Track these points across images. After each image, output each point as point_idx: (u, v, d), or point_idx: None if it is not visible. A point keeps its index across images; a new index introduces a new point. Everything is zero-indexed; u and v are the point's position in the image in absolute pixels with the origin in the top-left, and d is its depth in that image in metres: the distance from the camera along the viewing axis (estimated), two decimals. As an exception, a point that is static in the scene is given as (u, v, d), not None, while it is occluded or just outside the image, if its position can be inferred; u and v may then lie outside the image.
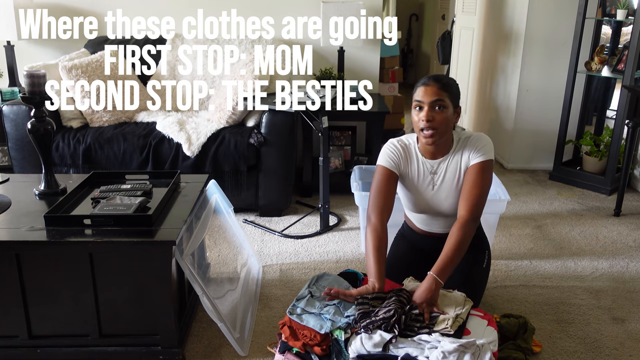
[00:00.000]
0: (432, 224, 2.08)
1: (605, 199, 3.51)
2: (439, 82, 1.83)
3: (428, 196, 1.98)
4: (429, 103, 1.82)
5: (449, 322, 1.71)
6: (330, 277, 2.14)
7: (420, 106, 1.85)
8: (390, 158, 1.96)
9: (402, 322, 1.69)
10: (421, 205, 2.02)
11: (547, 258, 2.71)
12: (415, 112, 1.87)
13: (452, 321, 1.72)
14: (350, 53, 3.66)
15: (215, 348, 1.98)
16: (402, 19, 7.59)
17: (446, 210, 2.00)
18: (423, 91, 1.84)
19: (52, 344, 1.83)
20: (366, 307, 1.79)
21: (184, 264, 1.77)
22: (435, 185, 1.96)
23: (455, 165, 1.93)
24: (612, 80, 3.85)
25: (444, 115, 1.82)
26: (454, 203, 1.96)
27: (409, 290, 1.83)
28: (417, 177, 1.97)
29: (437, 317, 1.75)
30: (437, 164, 1.94)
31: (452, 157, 1.93)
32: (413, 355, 1.68)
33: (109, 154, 2.95)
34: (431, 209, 2.01)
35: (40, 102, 2.00)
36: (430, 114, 1.82)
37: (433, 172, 1.95)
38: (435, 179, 1.95)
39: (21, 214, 1.90)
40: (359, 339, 1.74)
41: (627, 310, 2.27)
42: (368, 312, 1.76)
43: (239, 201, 2.98)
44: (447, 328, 1.70)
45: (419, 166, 1.96)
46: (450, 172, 1.94)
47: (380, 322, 1.70)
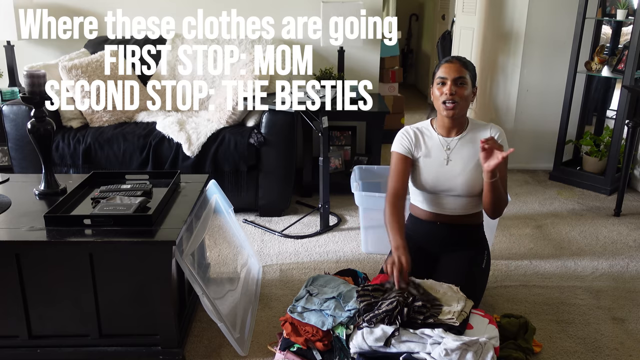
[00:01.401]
0: (442, 203, 2.13)
1: (605, 199, 3.51)
2: (460, 61, 2.03)
3: (442, 171, 2.09)
4: (452, 79, 1.99)
5: (455, 314, 1.72)
6: (327, 277, 2.15)
7: (443, 82, 2.02)
8: (402, 144, 2.13)
9: (404, 315, 1.70)
10: (434, 181, 2.10)
11: (547, 258, 2.71)
12: (438, 87, 2.03)
13: (457, 314, 1.73)
14: (350, 53, 3.66)
15: (215, 348, 1.98)
16: (402, 19, 7.58)
17: (458, 187, 2.07)
18: (447, 68, 2.02)
19: (52, 344, 1.83)
20: (368, 299, 1.80)
21: (184, 264, 1.77)
22: (449, 161, 2.08)
23: (471, 147, 2.06)
24: (612, 80, 3.85)
25: (464, 91, 2.00)
26: (466, 182, 2.05)
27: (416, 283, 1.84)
28: (432, 153, 2.11)
29: (442, 308, 1.76)
30: (451, 140, 2.10)
31: (466, 136, 2.09)
32: (415, 350, 1.68)
33: (109, 154, 2.95)
34: (443, 185, 2.09)
35: (40, 102, 2.00)
36: (453, 88, 1.99)
37: (448, 147, 2.09)
38: (450, 154, 2.08)
39: (21, 214, 1.90)
40: (360, 333, 1.75)
41: (627, 310, 2.27)
42: (371, 304, 1.77)
43: (239, 201, 2.98)
44: (453, 319, 1.70)
45: (434, 143, 2.12)
46: (465, 151, 2.07)
47: (383, 314, 1.71)
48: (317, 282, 2.11)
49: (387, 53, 4.76)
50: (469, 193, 2.07)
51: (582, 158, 3.83)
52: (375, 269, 2.51)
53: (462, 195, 2.08)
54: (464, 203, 2.09)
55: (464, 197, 2.08)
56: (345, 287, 2.01)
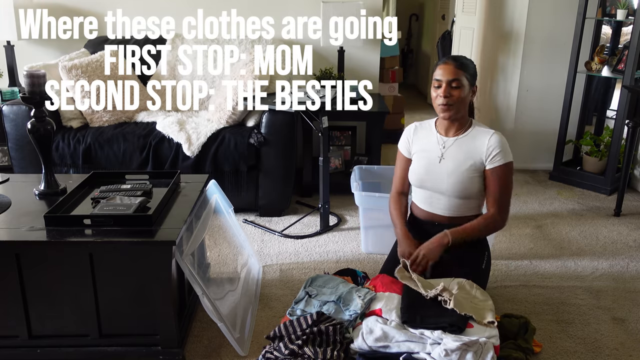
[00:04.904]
0: (433, 202, 2.15)
1: (605, 199, 3.51)
2: (456, 62, 2.02)
3: (432, 168, 2.11)
4: (447, 81, 2.00)
5: (447, 295, 1.79)
6: (326, 277, 2.15)
7: (438, 84, 2.03)
8: (403, 141, 2.23)
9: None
10: (423, 176, 2.13)
11: (547, 258, 2.71)
12: (434, 89, 2.05)
13: (448, 293, 1.79)
14: (350, 53, 3.66)
15: (215, 348, 1.98)
16: (402, 19, 7.58)
17: (446, 187, 2.08)
18: (442, 70, 2.02)
19: (52, 344, 1.83)
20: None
21: (184, 264, 1.77)
22: (442, 159, 2.09)
23: (468, 150, 2.06)
24: (612, 80, 3.85)
25: (460, 92, 2.01)
26: (456, 184, 2.06)
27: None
28: (428, 148, 2.15)
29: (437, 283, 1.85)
30: (448, 140, 2.11)
31: (464, 138, 2.09)
32: (415, 350, 1.68)
33: (109, 154, 2.94)
34: (433, 182, 2.11)
35: (40, 102, 2.00)
36: (448, 91, 2.00)
37: (443, 146, 2.11)
38: (444, 152, 2.09)
39: (21, 214, 1.90)
40: (360, 334, 1.75)
41: (627, 310, 2.26)
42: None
43: (239, 201, 2.98)
44: (443, 296, 1.78)
45: (431, 139, 2.15)
46: (461, 152, 2.07)
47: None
48: (316, 283, 2.11)
49: (387, 53, 4.75)
50: (458, 195, 2.08)
51: (582, 158, 3.83)
52: (376, 269, 2.51)
53: (452, 196, 2.09)
54: (457, 205, 2.10)
55: (455, 199, 2.09)
56: (345, 287, 2.01)
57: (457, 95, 2.00)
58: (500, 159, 2.03)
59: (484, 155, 2.04)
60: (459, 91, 2.00)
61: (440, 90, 2.01)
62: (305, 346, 1.73)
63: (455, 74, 1.99)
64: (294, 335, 1.79)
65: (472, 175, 2.05)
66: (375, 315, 1.83)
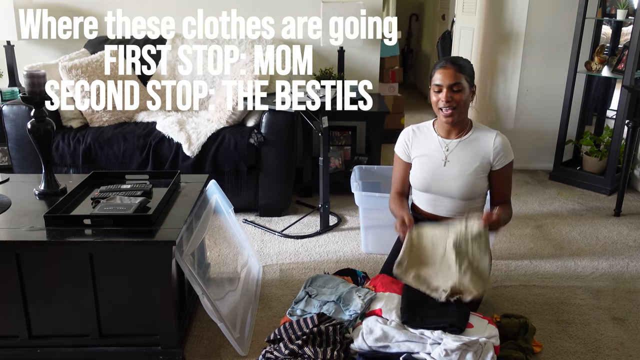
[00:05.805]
0: (438, 205, 2.13)
1: (605, 199, 3.51)
2: (455, 65, 2.00)
3: (438, 172, 2.08)
4: (448, 86, 1.98)
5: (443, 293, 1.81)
6: (325, 277, 2.15)
7: (439, 89, 2.01)
8: (400, 145, 2.19)
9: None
10: (429, 181, 2.10)
11: (547, 258, 2.71)
12: (434, 94, 2.04)
13: (444, 293, 1.80)
14: (350, 53, 3.66)
15: (215, 348, 1.98)
16: (402, 19, 7.58)
17: (454, 190, 2.06)
18: (442, 74, 2.00)
19: (52, 344, 1.83)
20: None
21: (184, 264, 1.77)
22: (447, 162, 2.07)
23: (473, 152, 2.05)
24: (612, 80, 3.85)
25: (461, 95, 1.99)
26: (463, 186, 2.04)
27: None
28: (430, 153, 2.11)
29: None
30: (451, 142, 2.09)
31: (468, 139, 2.06)
32: (415, 350, 1.69)
33: (109, 154, 2.94)
34: (439, 186, 2.08)
35: (40, 102, 2.00)
36: (449, 95, 1.98)
37: (446, 149, 2.07)
38: (448, 155, 2.07)
39: (21, 214, 1.90)
40: (360, 334, 1.75)
41: (627, 310, 2.26)
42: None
43: (239, 201, 2.98)
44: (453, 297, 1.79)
45: (432, 143, 2.12)
46: (465, 154, 2.05)
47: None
48: (316, 283, 2.11)
49: (387, 53, 4.75)
50: (465, 197, 2.07)
51: (582, 158, 3.83)
52: (376, 269, 2.51)
53: (458, 198, 2.08)
54: (461, 206, 2.09)
55: (461, 201, 2.08)
56: (345, 287, 2.01)
57: (458, 98, 1.99)
58: (506, 159, 2.05)
59: (491, 156, 2.04)
60: (460, 94, 1.99)
61: (441, 95, 2.00)
62: (305, 346, 1.73)
63: (455, 77, 1.98)
64: (294, 336, 1.79)
65: (478, 177, 2.05)
66: (375, 315, 1.83)
